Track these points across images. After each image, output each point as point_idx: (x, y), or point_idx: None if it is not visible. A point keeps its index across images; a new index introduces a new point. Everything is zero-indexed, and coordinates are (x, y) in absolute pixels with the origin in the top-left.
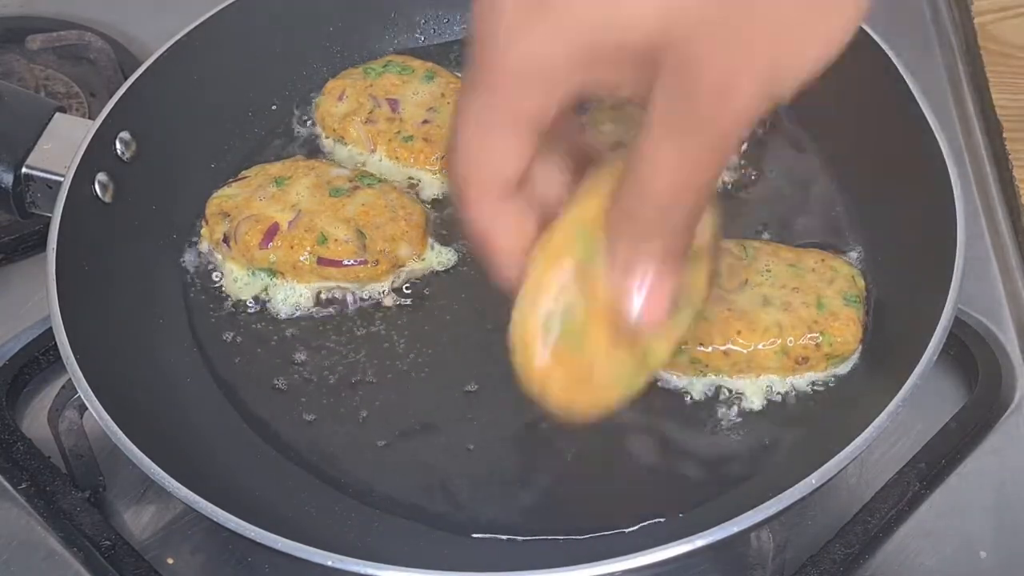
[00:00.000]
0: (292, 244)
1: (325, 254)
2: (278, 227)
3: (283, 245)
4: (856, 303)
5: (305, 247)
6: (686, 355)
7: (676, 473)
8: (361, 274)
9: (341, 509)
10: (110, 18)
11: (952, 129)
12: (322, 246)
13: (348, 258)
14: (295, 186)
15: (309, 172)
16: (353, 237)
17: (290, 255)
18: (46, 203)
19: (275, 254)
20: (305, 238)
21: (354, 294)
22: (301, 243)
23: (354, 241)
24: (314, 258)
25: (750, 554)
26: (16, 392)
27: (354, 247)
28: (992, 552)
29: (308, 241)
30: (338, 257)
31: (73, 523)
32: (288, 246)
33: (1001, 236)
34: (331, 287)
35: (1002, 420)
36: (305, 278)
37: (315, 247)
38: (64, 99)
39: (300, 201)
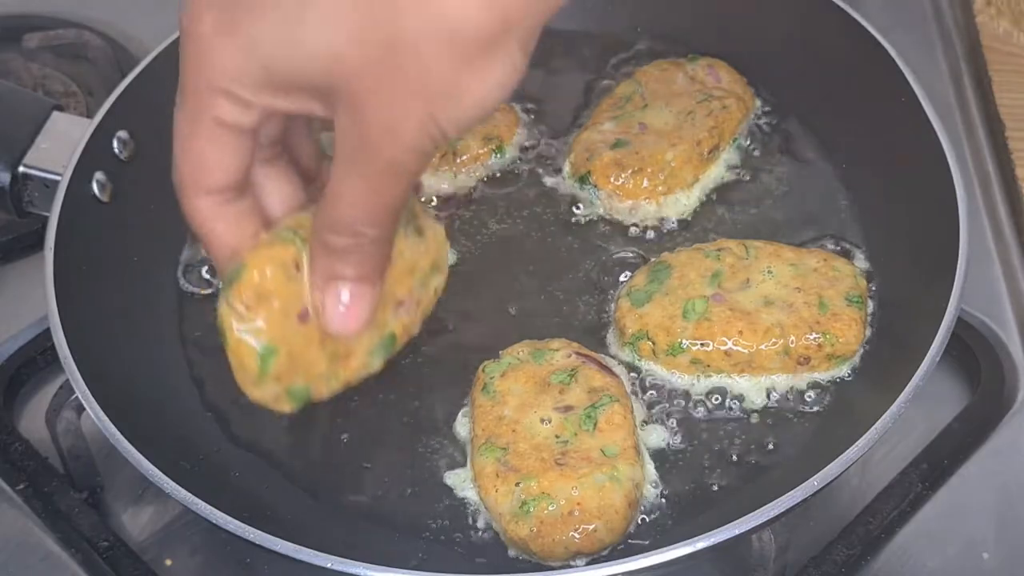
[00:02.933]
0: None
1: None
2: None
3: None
4: (858, 303)
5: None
6: (687, 355)
7: (677, 473)
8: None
9: (341, 510)
10: (108, 16)
11: (954, 128)
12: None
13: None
14: None
15: None
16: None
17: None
18: (43, 202)
19: None
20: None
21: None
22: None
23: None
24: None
25: (752, 555)
26: (13, 393)
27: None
28: (994, 553)
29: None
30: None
31: (71, 524)
32: None
33: (1004, 236)
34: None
35: (1004, 421)
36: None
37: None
38: (62, 98)
39: None
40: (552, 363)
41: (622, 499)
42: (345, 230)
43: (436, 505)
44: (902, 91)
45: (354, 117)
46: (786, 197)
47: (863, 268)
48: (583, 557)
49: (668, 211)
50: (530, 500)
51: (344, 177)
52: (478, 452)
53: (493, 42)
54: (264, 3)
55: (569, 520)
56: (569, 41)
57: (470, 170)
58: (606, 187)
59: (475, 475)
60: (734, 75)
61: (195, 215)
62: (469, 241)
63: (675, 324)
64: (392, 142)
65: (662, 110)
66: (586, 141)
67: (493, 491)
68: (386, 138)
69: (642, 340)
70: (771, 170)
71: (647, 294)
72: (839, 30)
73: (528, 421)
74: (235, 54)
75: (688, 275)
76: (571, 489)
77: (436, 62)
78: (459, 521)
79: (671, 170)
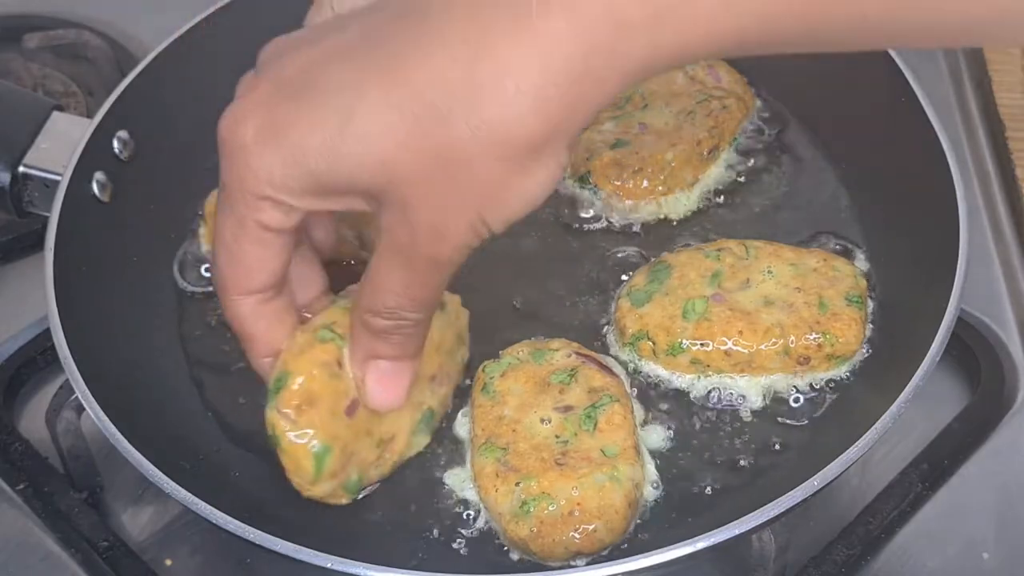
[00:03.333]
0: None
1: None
2: None
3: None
4: (858, 303)
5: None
6: (687, 355)
7: (677, 473)
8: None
9: (341, 510)
10: (108, 16)
11: (954, 128)
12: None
13: (348, 258)
14: None
15: None
16: (353, 237)
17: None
18: (43, 202)
19: None
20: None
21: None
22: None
23: (354, 241)
24: None
25: (752, 555)
26: (13, 393)
27: (353, 247)
28: (994, 553)
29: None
30: (338, 257)
31: (71, 524)
32: None
33: (1004, 236)
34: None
35: (1004, 421)
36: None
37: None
38: (62, 98)
39: None
40: (552, 363)
41: (622, 499)
42: (388, 315)
43: (436, 505)
44: (902, 91)
45: (403, 218)
46: (786, 197)
47: (863, 268)
48: (583, 557)
49: (668, 211)
50: (530, 500)
51: (389, 267)
52: (478, 452)
53: (542, 145)
54: (308, 112)
55: (569, 520)
56: None
57: None
58: (606, 187)
59: (475, 475)
60: (734, 75)
61: (237, 316)
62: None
63: (675, 324)
64: (440, 242)
65: (662, 110)
66: (586, 141)
67: (493, 491)
68: (435, 238)
69: (642, 340)
70: (771, 170)
71: (647, 294)
72: None
73: (528, 421)
74: (279, 163)
75: (688, 275)
76: (571, 489)
77: (486, 169)
78: (459, 521)
79: (671, 170)
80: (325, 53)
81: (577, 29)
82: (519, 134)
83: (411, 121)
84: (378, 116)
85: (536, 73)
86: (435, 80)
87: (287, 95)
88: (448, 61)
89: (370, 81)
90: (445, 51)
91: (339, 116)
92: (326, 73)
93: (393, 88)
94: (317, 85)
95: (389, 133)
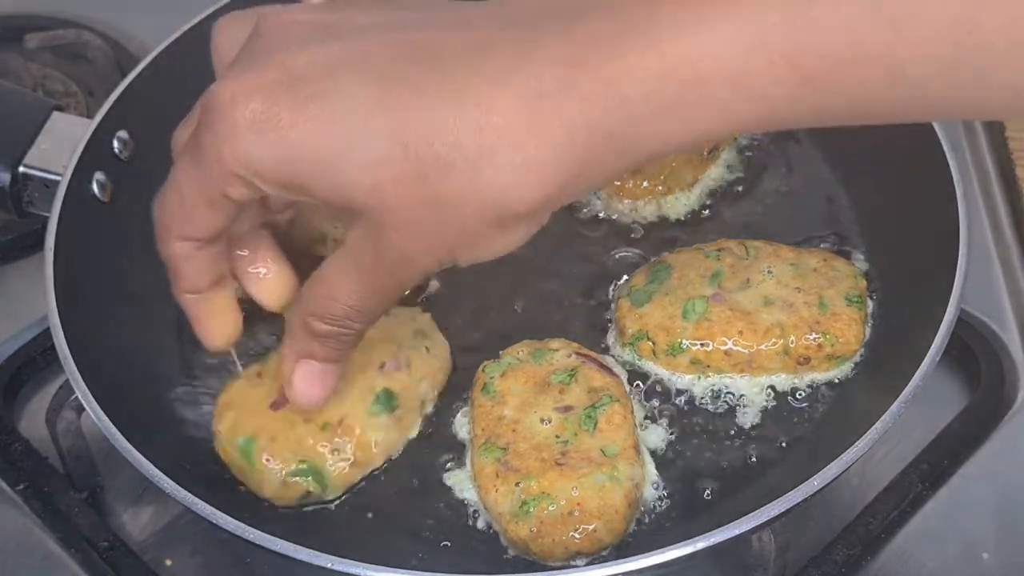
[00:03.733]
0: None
1: (324, 253)
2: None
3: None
4: (858, 303)
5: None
6: (687, 355)
7: (677, 473)
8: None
9: (341, 510)
10: (108, 16)
11: (954, 128)
12: (322, 245)
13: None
14: None
15: None
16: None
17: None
18: (43, 203)
19: None
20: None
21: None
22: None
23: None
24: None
25: (752, 556)
26: (13, 392)
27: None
28: (994, 554)
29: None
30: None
31: (71, 524)
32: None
33: (1004, 236)
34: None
35: (1005, 421)
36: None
37: (315, 246)
38: (62, 98)
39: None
40: (552, 363)
41: (622, 499)
42: (332, 322)
43: (436, 505)
44: None
45: (375, 239)
46: (786, 197)
47: (863, 268)
48: (583, 557)
49: (668, 211)
50: (530, 500)
51: (345, 278)
52: (478, 452)
53: (532, 214)
54: (312, 121)
55: (569, 520)
56: None
57: None
58: (606, 187)
59: (475, 475)
60: None
61: (171, 254)
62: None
63: (675, 324)
64: (406, 268)
65: None
66: None
67: (493, 491)
68: (402, 264)
69: (642, 340)
70: (771, 170)
71: (647, 294)
72: None
73: (528, 421)
74: (267, 156)
75: (688, 275)
76: (571, 489)
77: (473, 223)
78: (459, 521)
79: (671, 170)
80: (340, 57)
81: (589, 114)
82: (515, 205)
83: (414, 164)
84: (382, 147)
85: (546, 149)
86: (445, 133)
87: (293, 92)
88: (462, 120)
89: (381, 109)
90: (460, 111)
91: (343, 137)
92: (338, 82)
93: (404, 126)
94: (327, 94)
95: (389, 166)
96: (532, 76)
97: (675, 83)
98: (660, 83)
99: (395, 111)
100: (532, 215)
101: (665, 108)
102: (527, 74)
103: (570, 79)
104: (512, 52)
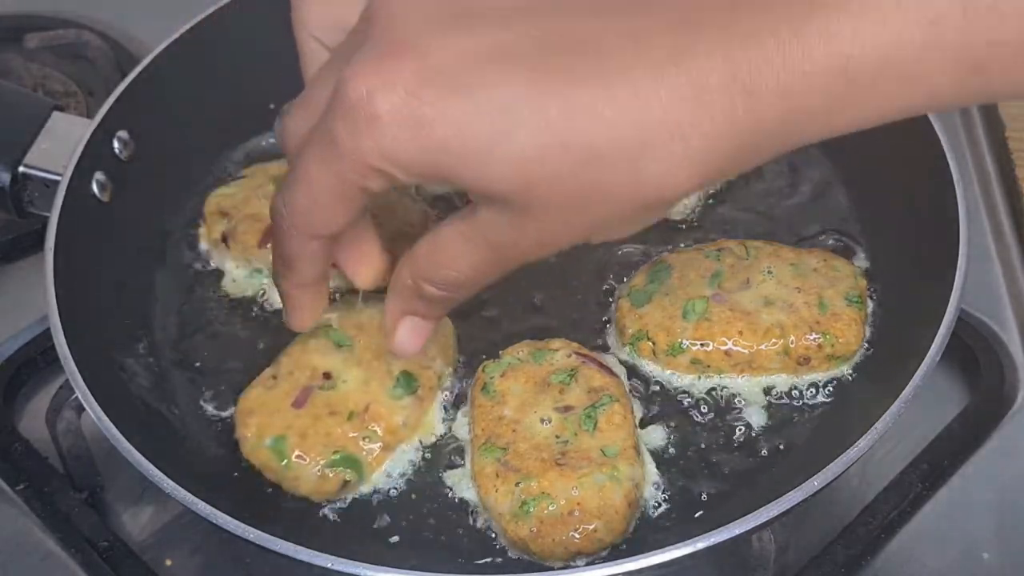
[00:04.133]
0: None
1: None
2: None
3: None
4: (858, 303)
5: None
6: (687, 355)
7: (677, 473)
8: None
9: (341, 510)
10: (108, 16)
11: (954, 128)
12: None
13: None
14: None
15: None
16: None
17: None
18: (44, 202)
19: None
20: None
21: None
22: None
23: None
24: None
25: (752, 556)
26: (13, 393)
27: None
28: (994, 554)
29: None
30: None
31: (71, 524)
32: None
33: (1004, 236)
34: (330, 287)
35: (1005, 421)
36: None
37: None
38: (62, 98)
39: None
40: (552, 363)
41: (622, 499)
42: (445, 287)
43: (436, 505)
44: None
45: (514, 222)
46: (786, 197)
47: (863, 268)
48: (583, 557)
49: (668, 211)
50: (530, 500)
51: (468, 250)
52: (478, 452)
53: (681, 198)
54: (459, 114)
55: (569, 520)
56: None
57: None
58: None
59: (475, 475)
60: None
61: (293, 253)
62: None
63: (675, 324)
64: (539, 250)
65: None
66: None
67: (493, 491)
68: (537, 246)
69: (642, 340)
70: (771, 170)
71: (647, 294)
72: None
73: (528, 421)
74: (411, 149)
75: (688, 275)
76: (571, 489)
77: (622, 210)
78: (459, 521)
79: None
80: (486, 47)
81: (753, 108)
82: (669, 193)
83: (569, 159)
84: (535, 141)
85: (707, 141)
86: (603, 128)
87: (437, 84)
88: (620, 114)
89: (533, 103)
90: (618, 104)
91: (495, 132)
92: (484, 75)
93: (558, 121)
94: (473, 86)
95: (543, 162)
96: (693, 70)
97: (842, 79)
98: (826, 79)
99: (548, 106)
100: (681, 198)
101: (830, 102)
102: (688, 68)
103: (732, 73)
104: (670, 44)
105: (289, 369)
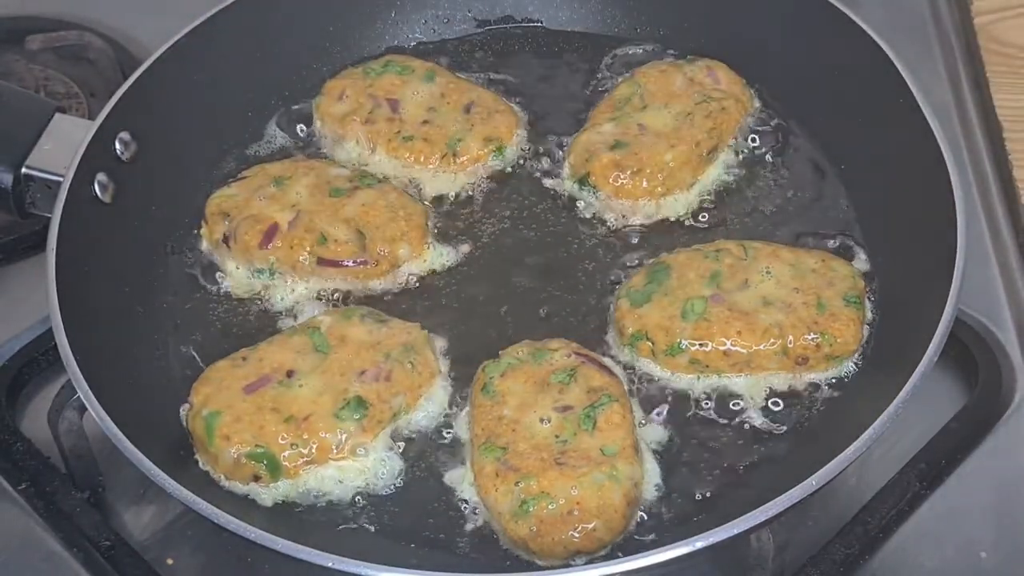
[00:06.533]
0: (292, 244)
1: (325, 254)
2: (278, 227)
3: (283, 245)
4: (856, 304)
5: (305, 247)
6: (686, 355)
7: (676, 472)
8: (361, 274)
9: (339, 511)
10: (110, 18)
11: (952, 129)
12: (322, 246)
13: (348, 258)
14: (295, 186)
15: (309, 172)
16: (353, 237)
17: (290, 255)
18: (45, 203)
19: (275, 254)
20: (305, 238)
21: (354, 294)
22: (301, 243)
23: (354, 241)
24: (314, 258)
25: (751, 555)
26: (15, 393)
27: (354, 247)
28: (992, 553)
29: (308, 241)
30: (338, 257)
31: (73, 523)
32: (288, 246)
33: (1001, 237)
34: (331, 287)
35: (1002, 420)
36: (305, 278)
37: (315, 247)
38: (64, 99)
39: (300, 201)
40: (552, 363)
41: (621, 498)
42: None
43: (436, 505)
44: (900, 93)
45: None
46: (785, 197)
47: (862, 268)
48: (582, 556)
49: (667, 212)
50: (530, 499)
51: None
52: (478, 452)
53: None
54: None
55: (569, 519)
56: (569, 42)
57: (470, 171)
58: (605, 188)
59: (475, 475)
60: (733, 76)
61: None
62: (469, 242)
63: (674, 324)
64: None
65: (661, 111)
66: (585, 142)
67: (493, 491)
68: None
69: (641, 340)
70: (770, 171)
71: (646, 294)
72: (838, 32)
73: (528, 421)
74: None
75: (687, 276)
76: (570, 488)
77: None
78: (459, 521)
79: (670, 171)
80: None
81: None
82: None
83: None
84: None
85: None
86: None
87: None
88: None
89: None
90: None
91: None
92: None
93: None
94: None
95: None
96: None
97: None
98: None
99: None
100: None
101: None
102: None
103: None
104: None
105: (260, 355)
